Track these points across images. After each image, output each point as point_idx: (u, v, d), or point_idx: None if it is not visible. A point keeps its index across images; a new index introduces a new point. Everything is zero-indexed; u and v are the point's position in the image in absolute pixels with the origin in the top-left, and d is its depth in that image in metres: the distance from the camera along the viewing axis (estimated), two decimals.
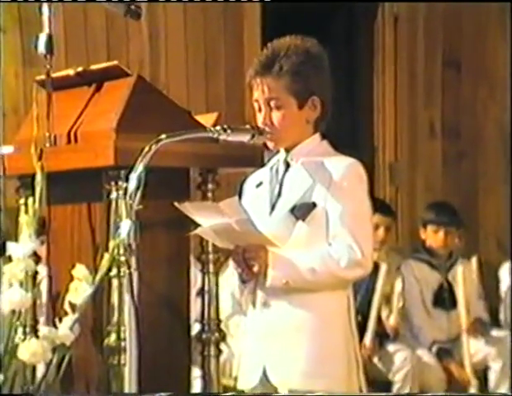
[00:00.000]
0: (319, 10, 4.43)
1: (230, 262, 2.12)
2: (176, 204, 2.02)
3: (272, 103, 2.07)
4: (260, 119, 2.10)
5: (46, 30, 2.37)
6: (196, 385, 2.40)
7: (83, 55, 3.95)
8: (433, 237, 4.19)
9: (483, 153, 4.89)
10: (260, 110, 2.10)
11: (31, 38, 2.42)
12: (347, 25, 4.85)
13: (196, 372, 2.41)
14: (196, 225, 2.05)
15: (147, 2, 3.80)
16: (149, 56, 4.16)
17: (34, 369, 2.18)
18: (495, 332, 4.20)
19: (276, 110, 2.07)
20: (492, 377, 4.07)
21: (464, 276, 4.04)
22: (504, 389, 4.01)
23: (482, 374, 4.10)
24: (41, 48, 2.36)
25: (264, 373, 2.04)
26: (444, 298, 4.15)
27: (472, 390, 3.95)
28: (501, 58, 4.87)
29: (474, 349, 4.06)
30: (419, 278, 4.19)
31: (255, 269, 2.02)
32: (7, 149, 2.52)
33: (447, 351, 4.06)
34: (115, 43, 4.08)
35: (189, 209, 2.03)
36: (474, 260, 4.26)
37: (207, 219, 2.02)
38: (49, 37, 2.36)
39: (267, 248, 2.03)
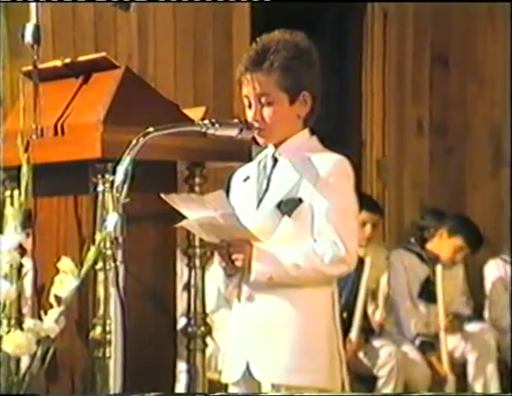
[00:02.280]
0: (308, 5, 4.42)
1: (216, 256, 2.12)
2: (162, 195, 2.02)
3: (263, 99, 2.06)
4: (250, 115, 2.09)
5: (33, 19, 2.35)
6: (182, 379, 2.40)
7: (71, 46, 3.92)
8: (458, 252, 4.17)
9: (471, 150, 4.91)
10: (250, 106, 2.10)
11: (18, 28, 2.40)
12: (336, 20, 4.84)
13: (181, 366, 2.41)
14: (183, 219, 2.05)
15: None
16: (138, 48, 4.14)
17: (18, 361, 2.18)
18: (472, 326, 4.23)
19: (267, 106, 2.07)
20: (470, 369, 4.10)
21: (443, 274, 4.06)
22: (480, 383, 4.06)
23: (462, 369, 4.13)
24: (28, 38, 2.34)
25: (247, 367, 2.04)
26: (430, 291, 4.17)
27: (449, 386, 3.99)
28: (490, 54, 4.89)
29: (453, 344, 4.09)
30: (408, 268, 4.20)
31: (239, 263, 2.02)
32: None
33: (430, 345, 4.08)
34: (103, 34, 4.05)
35: (175, 200, 2.02)
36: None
37: (193, 212, 2.02)
38: (37, 27, 2.34)
39: (252, 243, 2.03)
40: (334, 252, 2.01)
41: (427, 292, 4.17)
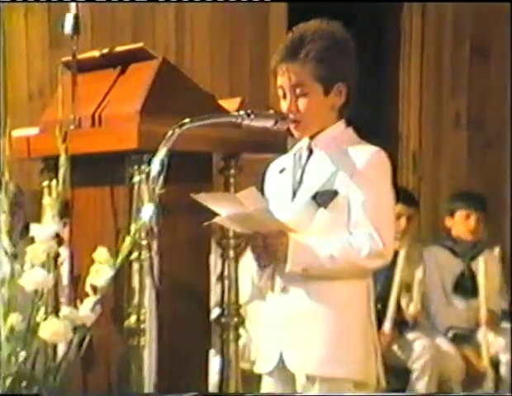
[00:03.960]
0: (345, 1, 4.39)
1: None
2: (192, 195, 2.02)
3: (298, 90, 2.06)
4: (285, 105, 2.09)
5: (73, 10, 2.37)
6: (215, 368, 2.41)
7: (109, 37, 3.95)
8: (463, 223, 4.16)
9: (509, 144, 4.84)
10: (285, 96, 2.09)
11: (58, 20, 2.43)
12: (374, 11, 4.80)
13: (215, 356, 2.42)
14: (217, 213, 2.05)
15: None
16: (175, 39, 4.16)
17: (55, 347, 2.21)
18: (506, 324, 4.18)
19: (302, 97, 2.06)
20: (502, 370, 4.04)
21: (486, 267, 4.01)
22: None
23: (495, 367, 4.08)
24: (68, 28, 2.36)
25: (281, 358, 2.05)
26: (465, 286, 4.12)
27: (489, 381, 3.94)
28: None
29: (490, 340, 4.04)
30: (441, 264, 4.17)
31: (277, 255, 2.02)
32: (32, 131, 2.53)
33: (463, 337, 4.04)
34: (141, 25, 4.07)
35: (206, 199, 2.03)
36: (497, 250, 4.23)
37: (225, 209, 2.02)
38: (76, 17, 2.36)
39: (288, 234, 2.03)
40: (370, 245, 2.00)
41: (462, 287, 4.13)
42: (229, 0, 4.11)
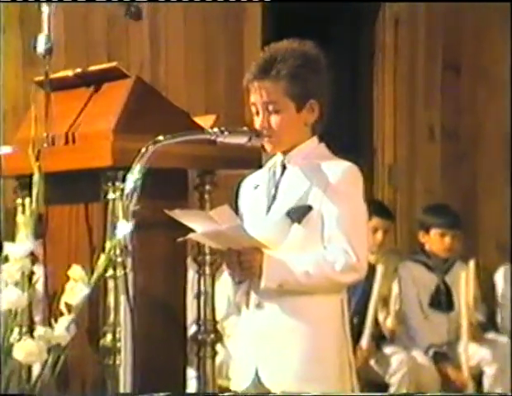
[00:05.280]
0: (320, 11, 4.43)
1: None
2: (166, 211, 2.02)
3: (271, 107, 2.08)
4: (258, 122, 2.10)
5: (45, 30, 2.37)
6: (192, 386, 2.40)
7: (83, 56, 3.95)
8: (438, 242, 4.17)
9: (483, 155, 4.89)
10: (258, 113, 2.11)
11: (31, 38, 2.43)
12: (348, 26, 4.85)
13: (191, 373, 2.41)
14: (192, 229, 2.05)
15: (147, 2, 3.80)
16: (150, 57, 4.16)
17: (29, 368, 2.19)
18: (490, 336, 4.20)
19: (274, 114, 2.08)
20: (486, 382, 4.06)
21: (466, 280, 4.03)
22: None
23: (477, 378, 4.09)
24: (40, 48, 2.36)
25: (257, 374, 2.05)
26: (441, 300, 4.14)
27: (469, 393, 3.95)
28: (501, 59, 4.87)
29: (470, 352, 4.06)
30: (417, 279, 4.18)
31: (252, 271, 2.03)
32: (5, 149, 2.53)
33: (443, 355, 4.05)
34: (115, 44, 4.08)
35: (180, 215, 2.03)
36: (472, 263, 4.26)
37: (199, 225, 2.02)
38: (48, 38, 2.36)
39: (262, 251, 2.04)
40: (345, 259, 2.01)
41: (438, 302, 4.15)
42: (203, 0, 4.10)
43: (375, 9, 4.72)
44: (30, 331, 2.19)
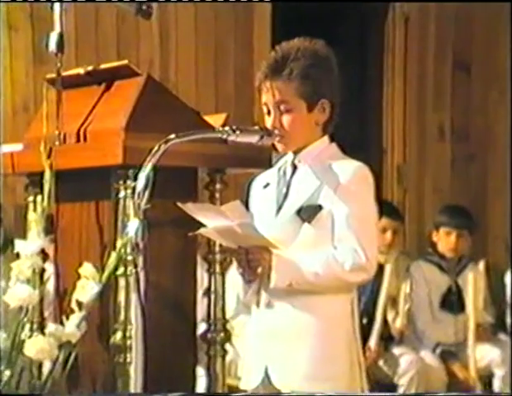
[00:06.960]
0: (329, 10, 4.42)
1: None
2: (179, 204, 2.03)
3: (282, 107, 2.08)
4: (269, 122, 2.11)
5: (57, 28, 2.38)
6: (202, 385, 2.41)
7: (94, 54, 3.96)
8: (445, 239, 4.17)
9: (492, 156, 4.88)
10: (269, 113, 2.11)
11: (43, 36, 2.44)
12: (357, 26, 4.84)
13: (201, 372, 2.41)
14: (202, 226, 2.06)
15: (158, 1, 3.81)
16: (160, 55, 4.17)
17: (40, 365, 2.20)
18: (501, 337, 4.18)
19: (286, 114, 2.08)
20: (496, 383, 4.05)
21: (475, 281, 4.02)
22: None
23: (487, 380, 4.08)
24: (52, 46, 2.37)
25: (266, 373, 2.05)
26: (452, 301, 4.13)
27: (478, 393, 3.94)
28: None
29: (480, 354, 4.04)
30: (429, 280, 4.17)
31: (259, 270, 2.03)
32: (17, 147, 2.53)
33: (451, 353, 4.05)
34: (125, 42, 4.08)
35: (192, 209, 2.04)
36: (481, 264, 4.25)
37: (210, 220, 2.03)
38: (60, 36, 2.37)
39: (271, 250, 2.04)
40: (354, 259, 2.01)
41: (449, 303, 4.14)
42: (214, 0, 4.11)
43: (384, 9, 4.72)
44: (41, 328, 2.20)
